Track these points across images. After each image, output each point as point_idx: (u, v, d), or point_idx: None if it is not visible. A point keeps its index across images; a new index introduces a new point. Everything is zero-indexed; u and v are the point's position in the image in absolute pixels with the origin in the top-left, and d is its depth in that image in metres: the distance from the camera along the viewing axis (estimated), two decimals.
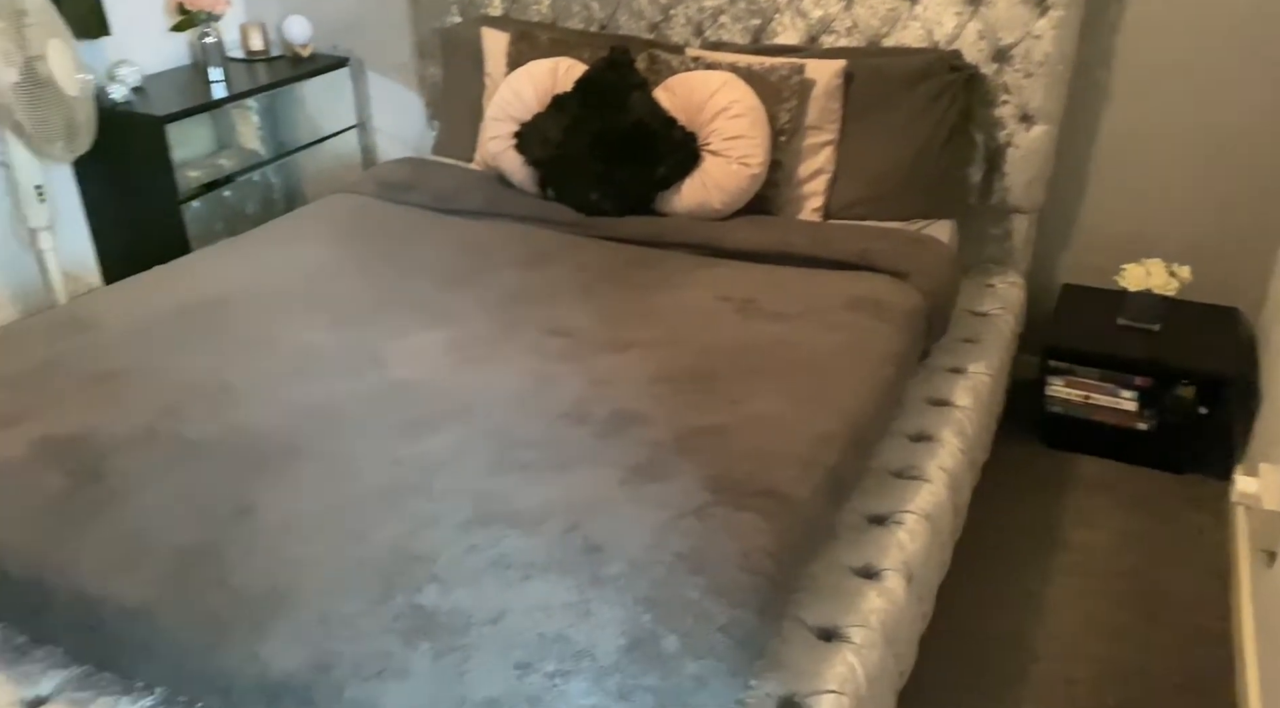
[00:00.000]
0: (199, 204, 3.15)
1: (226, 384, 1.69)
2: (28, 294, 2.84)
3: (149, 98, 2.91)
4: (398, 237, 2.33)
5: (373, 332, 1.90)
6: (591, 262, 2.21)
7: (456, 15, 2.95)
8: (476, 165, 2.76)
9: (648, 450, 1.53)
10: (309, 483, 1.44)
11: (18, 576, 1.31)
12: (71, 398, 1.63)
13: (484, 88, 2.75)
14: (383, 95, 3.38)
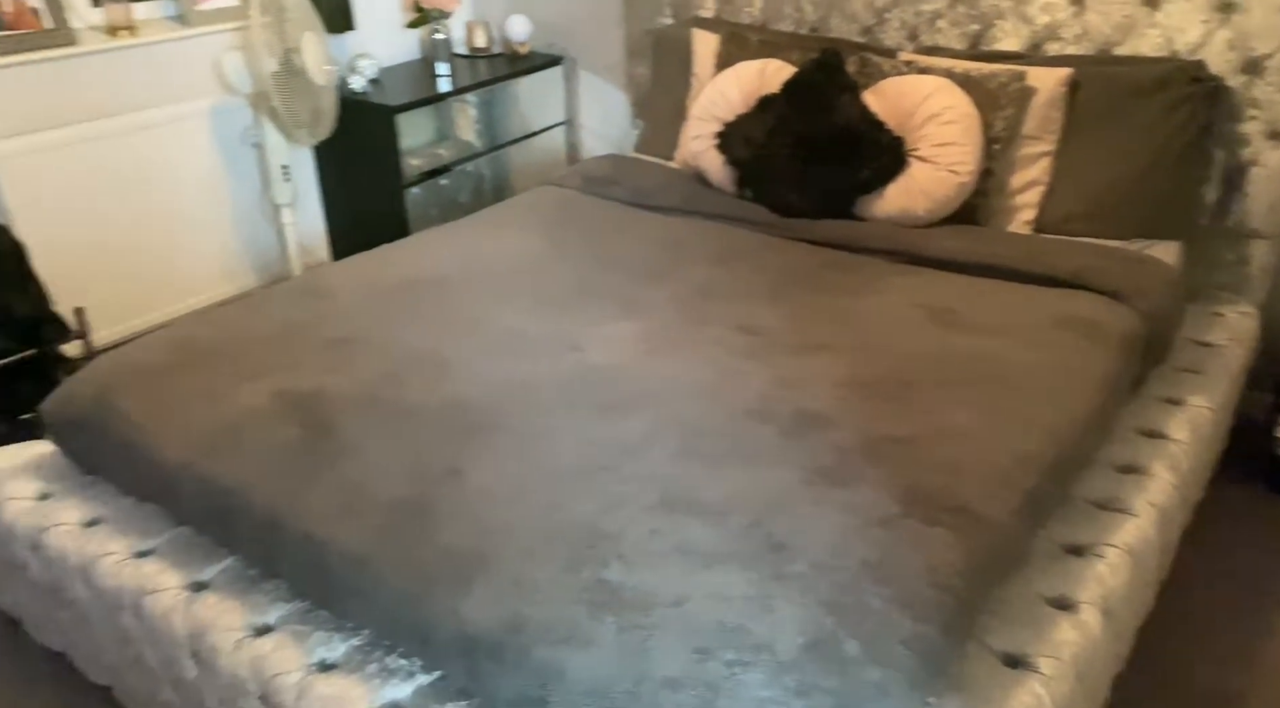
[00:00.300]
0: (418, 190, 3.38)
1: (440, 357, 1.82)
2: (267, 263, 3.14)
3: (383, 89, 3.15)
4: (598, 230, 2.42)
5: (572, 318, 1.98)
6: (785, 263, 2.21)
7: (669, 17, 3.02)
8: (676, 164, 2.81)
9: (834, 454, 1.52)
10: (510, 454, 1.53)
11: (257, 513, 1.46)
12: (307, 359, 1.80)
13: (690, 88, 2.80)
14: (591, 93, 3.51)
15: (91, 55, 2.57)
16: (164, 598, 1.45)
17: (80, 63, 2.55)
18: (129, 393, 1.68)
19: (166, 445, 1.58)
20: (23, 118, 2.46)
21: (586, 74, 3.48)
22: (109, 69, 2.61)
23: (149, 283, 2.80)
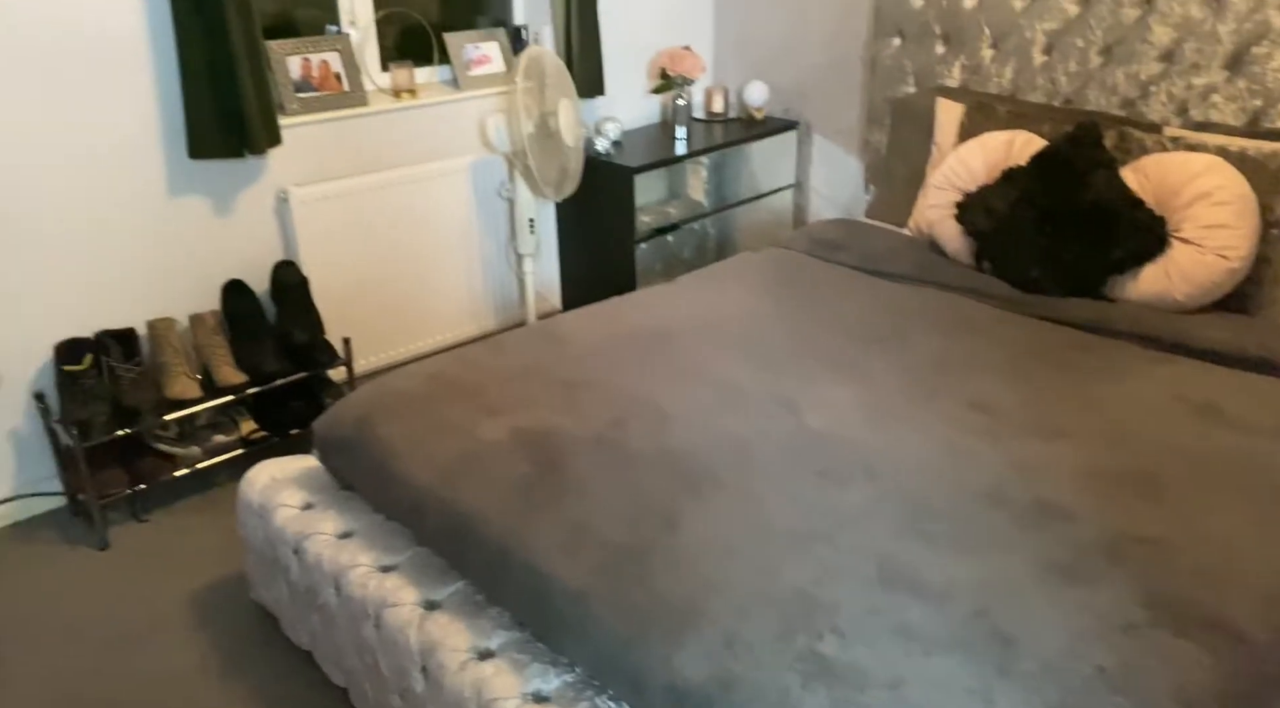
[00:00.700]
0: (646, 245, 3.52)
1: (662, 407, 1.87)
2: (506, 307, 3.36)
3: (624, 150, 3.32)
4: (824, 292, 2.42)
5: (792, 378, 1.99)
6: (1023, 339, 2.11)
7: (911, 85, 3.00)
8: (909, 231, 2.77)
9: (1072, 549, 1.43)
10: (725, 510, 1.55)
11: (488, 541, 1.56)
12: (542, 399, 1.91)
13: (930, 156, 2.76)
14: (823, 157, 3.53)
15: (378, 115, 2.89)
16: (401, 612, 1.57)
17: (368, 121, 2.87)
18: (387, 419, 1.85)
19: (415, 470, 1.72)
20: (318, 167, 2.79)
21: (820, 138, 3.51)
22: (390, 127, 2.92)
23: (404, 318, 3.07)
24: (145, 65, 2.43)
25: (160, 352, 2.52)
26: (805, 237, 2.75)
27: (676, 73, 3.32)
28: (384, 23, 3.01)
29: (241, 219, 2.69)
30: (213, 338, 2.59)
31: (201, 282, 2.66)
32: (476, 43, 3.17)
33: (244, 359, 2.58)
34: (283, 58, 2.74)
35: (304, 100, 2.76)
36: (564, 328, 2.27)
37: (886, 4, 2.99)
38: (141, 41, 2.40)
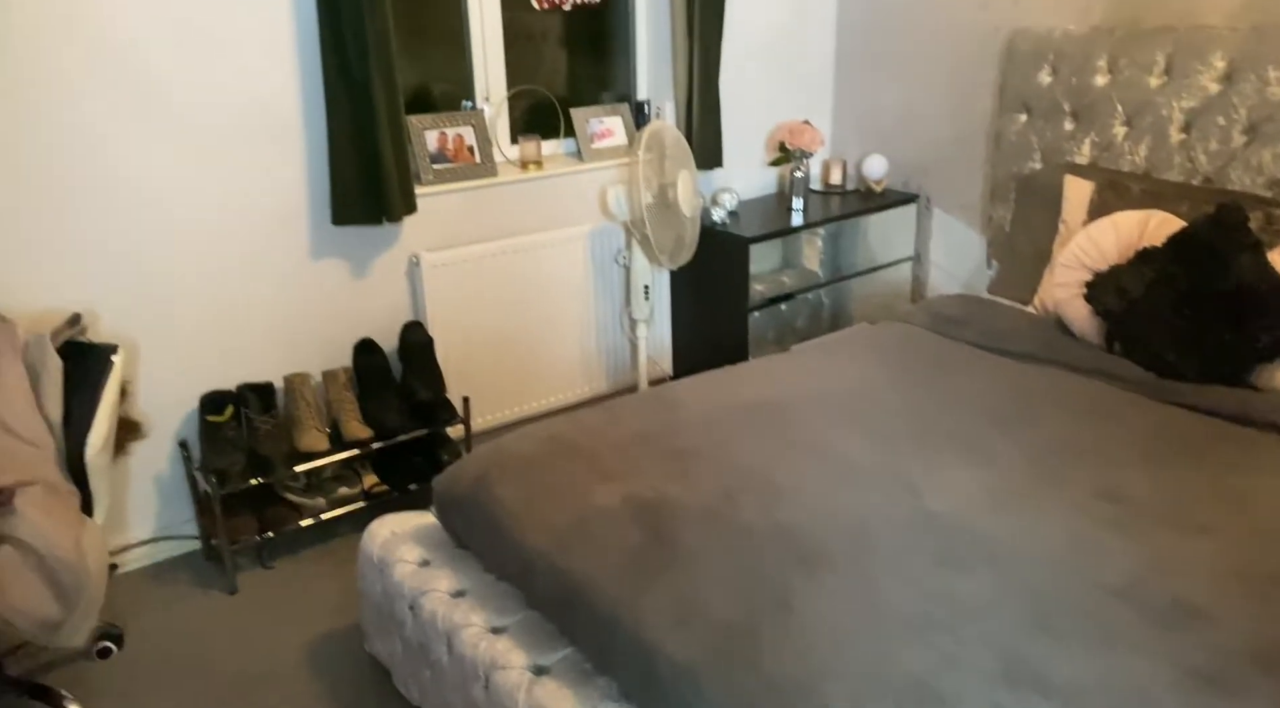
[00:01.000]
0: (759, 314, 3.52)
1: (775, 480, 1.86)
2: (618, 371, 3.41)
3: (740, 220, 3.36)
4: (944, 369, 2.37)
5: (910, 457, 1.94)
6: (1158, 427, 2.02)
7: (1037, 161, 2.95)
8: (1034, 309, 2.70)
9: (1213, 656, 1.34)
10: (840, 592, 1.51)
11: (596, 609, 1.57)
12: (654, 467, 1.93)
13: (1057, 234, 2.70)
14: (943, 231, 3.49)
15: (506, 185, 3.02)
16: (510, 675, 1.58)
17: (496, 190, 3.00)
18: (503, 480, 1.89)
19: (528, 532, 1.75)
20: (448, 233, 2.93)
21: (940, 212, 3.48)
22: (517, 196, 3.05)
23: (520, 379, 3.15)
24: (297, 137, 2.61)
25: (294, 405, 2.65)
26: (925, 311, 2.71)
27: (795, 146, 3.36)
28: (515, 98, 3.16)
29: (375, 281, 2.84)
30: (343, 393, 2.71)
31: (335, 339, 2.81)
32: (601, 117, 3.29)
33: (370, 414, 2.69)
34: (421, 131, 2.90)
35: (439, 171, 2.92)
36: (677, 395, 2.28)
37: (1012, 80, 2.97)
38: (295, 115, 2.59)
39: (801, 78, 3.65)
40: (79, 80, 2.26)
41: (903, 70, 3.45)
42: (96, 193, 2.35)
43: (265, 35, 2.49)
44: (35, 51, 2.19)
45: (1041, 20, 2.97)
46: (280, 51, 2.53)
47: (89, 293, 2.38)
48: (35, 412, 1.81)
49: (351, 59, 2.51)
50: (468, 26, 2.99)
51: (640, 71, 3.41)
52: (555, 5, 3.16)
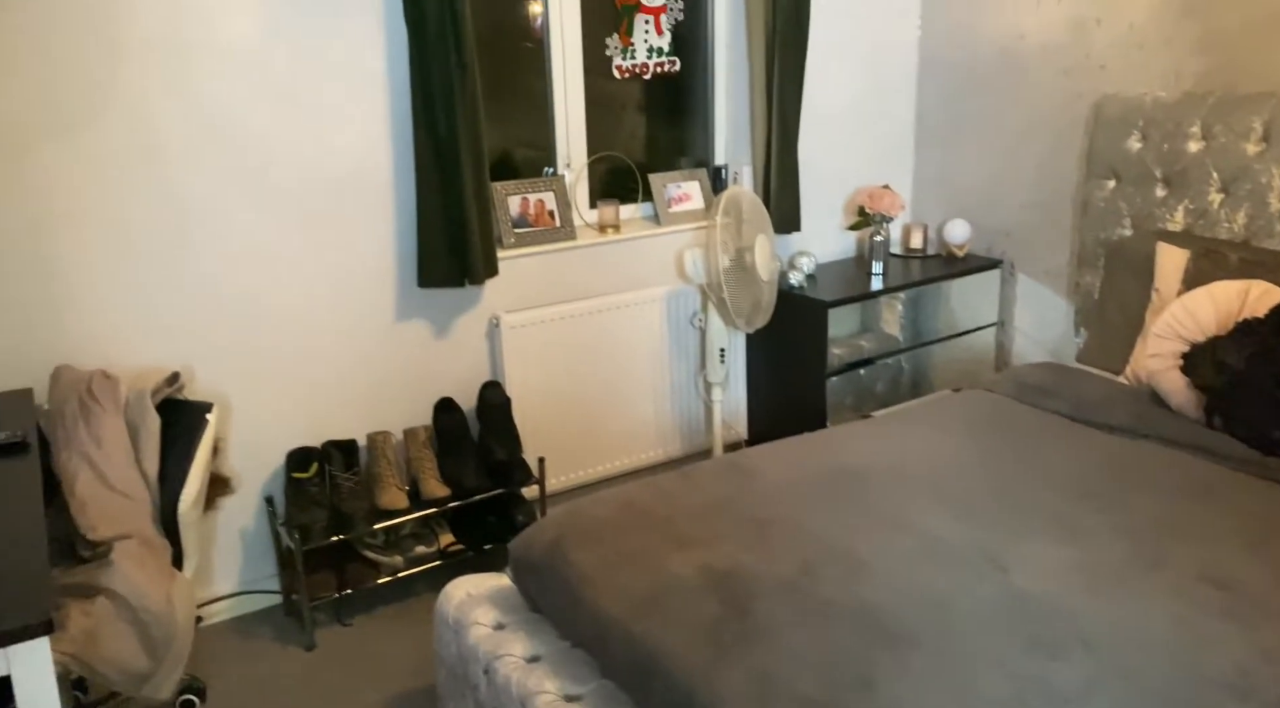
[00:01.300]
0: (837, 379, 3.48)
1: (857, 554, 1.81)
2: (692, 434, 3.40)
3: (817, 284, 3.34)
4: (1032, 440, 2.30)
5: (997, 533, 1.88)
6: (1264, 508, 1.91)
7: (1128, 228, 2.88)
8: (1126, 380, 2.61)
9: None
10: (926, 675, 1.46)
11: (672, 682, 1.54)
12: (731, 535, 1.90)
13: (1149, 302, 2.62)
14: (1028, 297, 3.42)
15: (584, 248, 3.07)
16: None
17: (575, 253, 3.06)
18: (579, 545, 1.89)
19: (603, 599, 1.74)
20: (527, 295, 2.98)
21: (1025, 278, 3.41)
22: (595, 259, 3.09)
23: (595, 440, 3.16)
24: (388, 203, 2.71)
25: (376, 463, 2.70)
26: (1011, 380, 2.64)
27: (875, 210, 3.35)
28: (594, 164, 3.23)
29: (456, 341, 2.90)
30: (423, 451, 2.76)
31: (417, 398, 2.86)
32: (678, 182, 3.33)
33: (448, 473, 2.72)
34: (505, 197, 2.98)
35: (520, 235, 2.98)
36: (754, 462, 2.26)
37: (1100, 146, 2.92)
38: (386, 182, 2.69)
39: (880, 142, 3.66)
40: (186, 149, 2.39)
41: (985, 135, 3.42)
42: (199, 255, 2.46)
43: (361, 108, 2.61)
44: (143, 120, 2.33)
45: (1128, 86, 2.92)
46: (374, 123, 2.64)
47: (186, 350, 2.49)
48: (133, 467, 1.88)
49: (441, 130, 2.61)
50: (551, 96, 3.09)
51: (718, 137, 3.46)
52: (636, 74, 3.24)
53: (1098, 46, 3.01)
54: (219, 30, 2.38)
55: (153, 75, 2.31)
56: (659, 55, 3.26)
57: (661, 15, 3.22)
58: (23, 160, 2.20)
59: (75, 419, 1.94)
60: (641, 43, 3.22)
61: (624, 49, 3.19)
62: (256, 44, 2.43)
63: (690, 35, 3.33)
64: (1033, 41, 3.19)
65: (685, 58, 3.32)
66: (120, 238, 2.35)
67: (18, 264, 2.24)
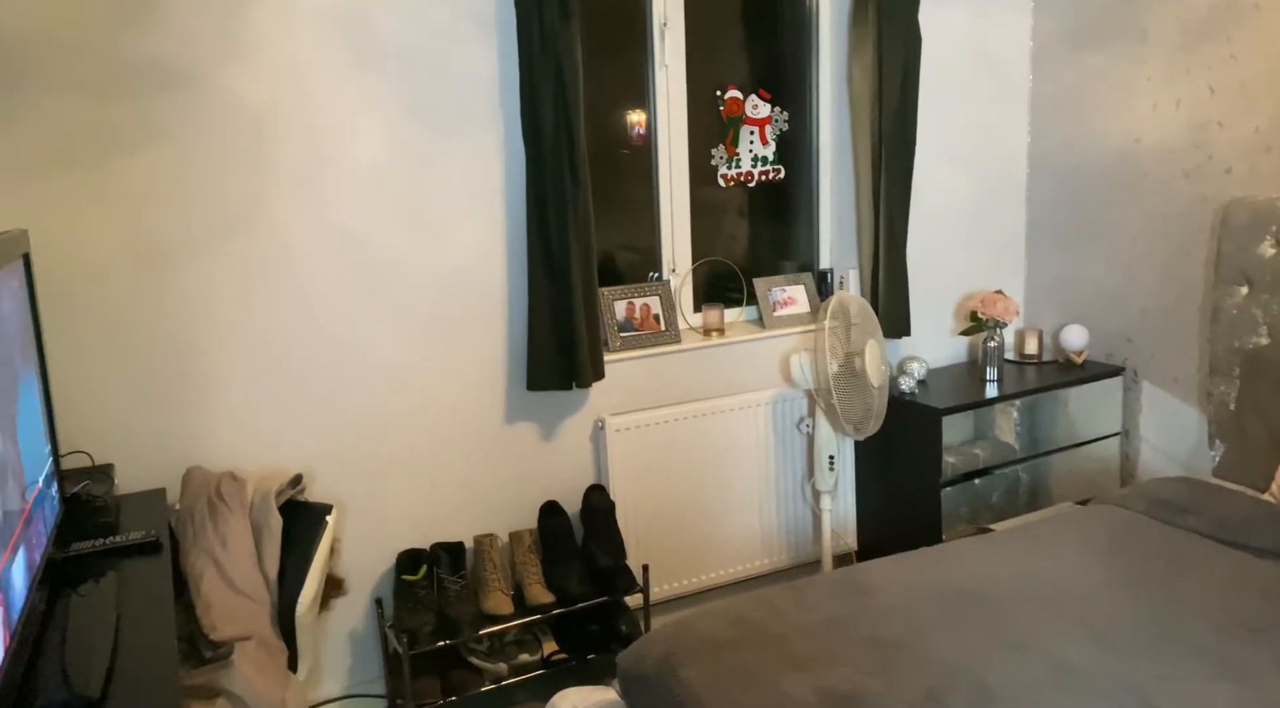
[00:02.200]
0: (950, 489, 3.35)
1: (984, 681, 1.70)
2: (800, 544, 3.30)
3: (929, 390, 3.26)
4: (1170, 562, 2.14)
5: (1140, 663, 1.74)
6: None
7: (1264, 336, 2.73)
8: (1272, 498, 2.43)
9: None
10: None
11: None
12: (847, 656, 1.81)
13: None
14: (1154, 407, 3.25)
15: (689, 352, 3.09)
16: None
17: (680, 356, 3.07)
18: (690, 662, 1.83)
19: None
20: (632, 397, 3.00)
21: (1150, 386, 3.26)
22: (699, 362, 3.10)
23: (700, 547, 3.10)
24: (500, 311, 2.79)
25: (481, 566, 2.71)
26: (1141, 495, 2.49)
27: (988, 315, 3.27)
28: (699, 269, 3.27)
29: (561, 444, 2.92)
30: (528, 556, 2.75)
31: (522, 501, 2.88)
32: (783, 286, 3.34)
33: (552, 579, 2.70)
34: (611, 302, 3.03)
35: (626, 339, 3.02)
36: (869, 578, 2.17)
37: (1229, 251, 2.81)
38: (499, 291, 2.78)
39: (992, 246, 3.60)
40: (317, 263, 2.53)
41: (1102, 239, 3.34)
42: (323, 362, 2.57)
43: (478, 220, 2.72)
44: (281, 237, 2.48)
45: (1256, 189, 2.82)
46: (490, 233, 2.75)
47: (308, 453, 2.57)
48: (256, 567, 1.93)
49: (553, 239, 2.69)
50: (657, 203, 3.16)
51: (823, 240, 3.47)
52: (741, 181, 3.29)
53: (1221, 149, 2.93)
54: (352, 150, 2.53)
55: (291, 195, 2.47)
56: (764, 164, 3.32)
57: (766, 126, 3.29)
58: (172, 277, 2.36)
59: (204, 519, 2.01)
60: (746, 152, 3.28)
61: (729, 158, 3.26)
62: (385, 164, 2.58)
63: (795, 140, 3.38)
64: (1150, 144, 3.13)
65: (789, 162, 3.37)
66: (254, 347, 2.47)
67: (160, 370, 2.37)
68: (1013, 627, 1.90)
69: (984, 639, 1.85)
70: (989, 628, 1.90)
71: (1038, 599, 2.01)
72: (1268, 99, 2.78)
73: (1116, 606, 1.96)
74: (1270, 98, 2.77)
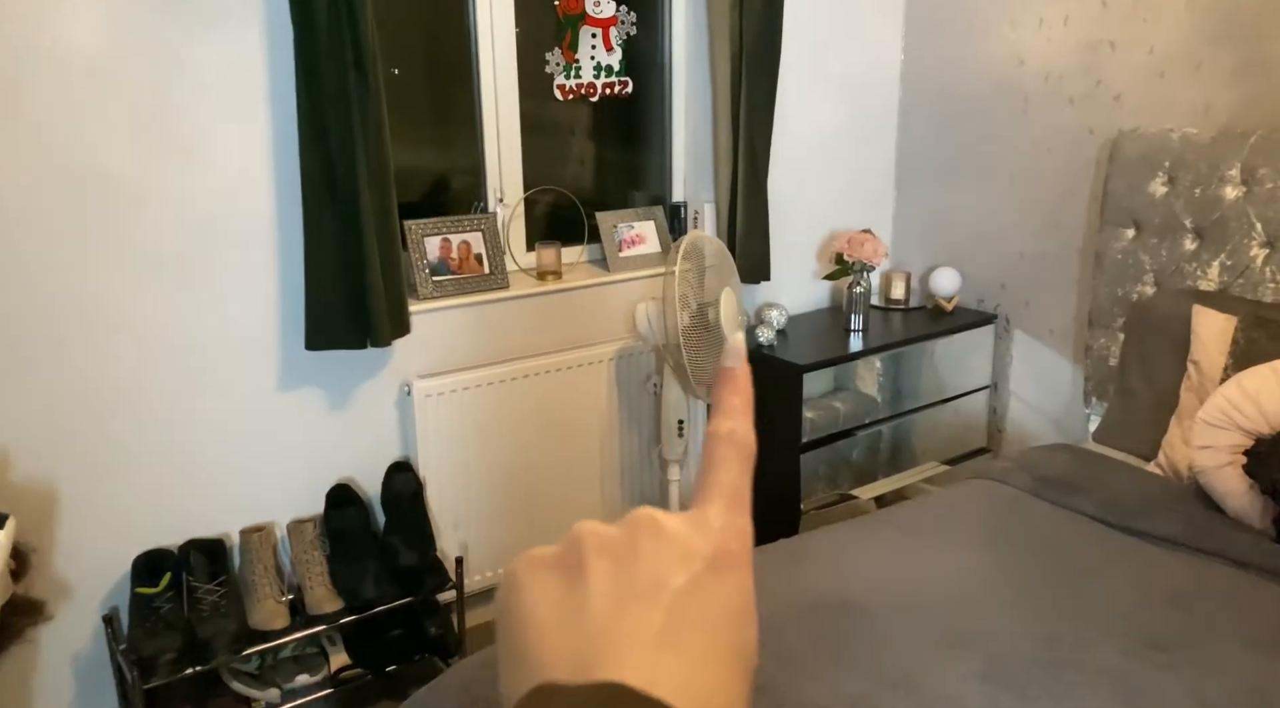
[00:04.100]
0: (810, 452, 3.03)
1: None
2: None
3: (788, 342, 2.90)
4: (1061, 558, 1.85)
5: (1044, 699, 1.42)
6: None
7: (1150, 285, 2.48)
8: (1159, 469, 2.19)
9: None
10: None
11: None
12: None
13: (1185, 377, 2.21)
14: (1026, 358, 3.00)
15: (519, 299, 2.59)
16: None
17: (507, 305, 2.57)
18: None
19: None
20: (448, 356, 2.49)
21: (1023, 336, 3.00)
22: (531, 312, 2.61)
23: (528, 528, 2.66)
24: (269, 247, 2.20)
25: (249, 568, 2.17)
26: (1024, 468, 2.20)
27: (855, 258, 2.91)
28: (532, 200, 2.76)
29: (357, 414, 2.39)
30: (310, 552, 2.24)
31: (304, 485, 2.34)
32: (630, 222, 2.87)
33: (342, 580, 2.21)
34: (421, 238, 2.49)
35: (440, 284, 2.49)
36: None
37: (1117, 190, 2.52)
38: (267, 220, 2.19)
39: (858, 180, 3.23)
40: (13, 186, 1.87)
41: (977, 174, 3.02)
42: (30, 316, 1.93)
43: (240, 134, 2.11)
44: None
45: (1148, 120, 2.53)
46: (255, 151, 2.14)
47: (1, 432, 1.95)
48: None
49: (334, 152, 2.11)
50: (480, 118, 2.61)
51: (677, 170, 3.01)
52: (581, 95, 2.77)
53: (1111, 74, 2.62)
54: (59, 38, 1.86)
55: None
56: (608, 74, 2.80)
57: (611, 29, 2.77)
58: None
59: None
60: (588, 59, 2.76)
61: (567, 66, 2.73)
62: (108, 58, 1.92)
63: (645, 53, 2.88)
64: (1034, 67, 2.80)
65: (639, 79, 2.87)
66: None
67: None
68: (894, 656, 1.54)
69: (863, 677, 1.49)
70: (867, 658, 1.54)
71: (919, 613, 1.67)
72: (1166, 13, 2.47)
73: (1007, 622, 1.64)
74: (1169, 11, 2.46)
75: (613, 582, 0.34)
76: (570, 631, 0.33)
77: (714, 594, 0.34)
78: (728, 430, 0.39)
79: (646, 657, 0.32)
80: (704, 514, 0.36)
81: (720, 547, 0.35)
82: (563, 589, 0.35)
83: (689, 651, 0.32)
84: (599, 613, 0.33)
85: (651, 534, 0.35)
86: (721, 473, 0.38)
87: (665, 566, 0.34)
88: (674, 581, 0.34)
